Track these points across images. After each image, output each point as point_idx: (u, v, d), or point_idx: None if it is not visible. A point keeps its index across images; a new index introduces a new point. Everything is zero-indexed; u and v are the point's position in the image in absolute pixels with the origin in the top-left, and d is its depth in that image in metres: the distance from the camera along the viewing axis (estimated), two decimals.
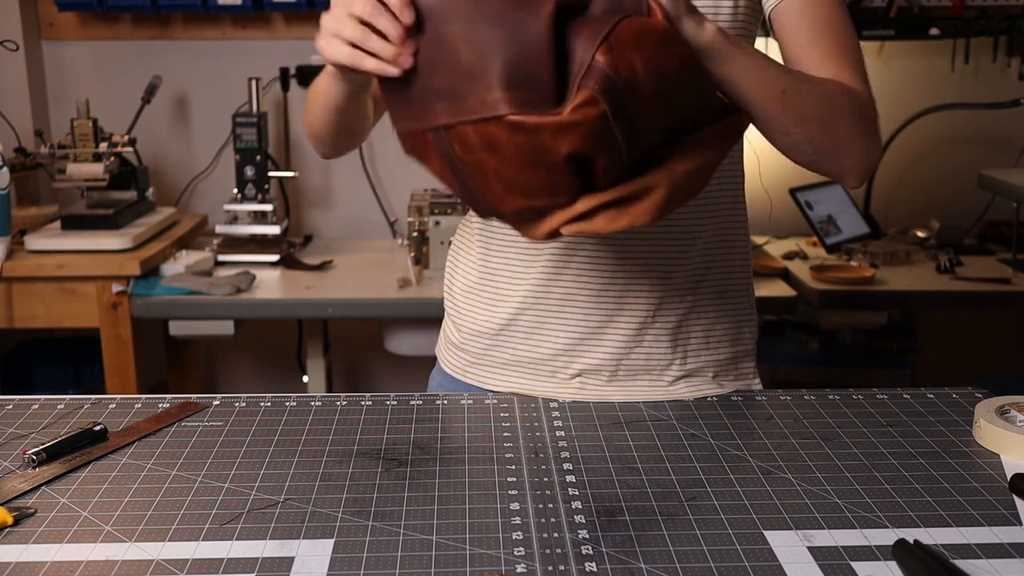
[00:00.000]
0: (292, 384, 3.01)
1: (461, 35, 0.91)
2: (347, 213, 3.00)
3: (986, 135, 2.97)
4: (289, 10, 2.81)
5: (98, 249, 2.39)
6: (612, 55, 0.88)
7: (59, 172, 2.53)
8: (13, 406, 1.19)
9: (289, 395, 1.22)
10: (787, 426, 1.14)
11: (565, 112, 0.88)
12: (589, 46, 0.89)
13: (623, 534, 0.90)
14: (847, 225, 2.75)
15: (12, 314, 2.38)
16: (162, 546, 0.88)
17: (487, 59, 0.90)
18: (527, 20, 0.90)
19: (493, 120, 0.90)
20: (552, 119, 0.89)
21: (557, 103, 0.89)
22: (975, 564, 0.85)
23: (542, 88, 0.89)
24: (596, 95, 0.88)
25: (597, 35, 0.89)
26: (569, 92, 0.89)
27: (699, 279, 1.24)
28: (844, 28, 1.18)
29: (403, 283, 2.43)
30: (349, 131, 1.25)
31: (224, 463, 1.04)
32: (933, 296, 2.49)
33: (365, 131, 1.28)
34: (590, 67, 0.88)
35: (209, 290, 2.35)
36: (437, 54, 0.93)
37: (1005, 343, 2.97)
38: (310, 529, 0.91)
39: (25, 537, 0.90)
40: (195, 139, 2.96)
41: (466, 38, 0.91)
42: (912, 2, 2.83)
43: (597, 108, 0.88)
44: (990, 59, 2.89)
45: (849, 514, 0.94)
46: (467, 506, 0.95)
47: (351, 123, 1.22)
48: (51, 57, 2.91)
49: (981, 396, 1.22)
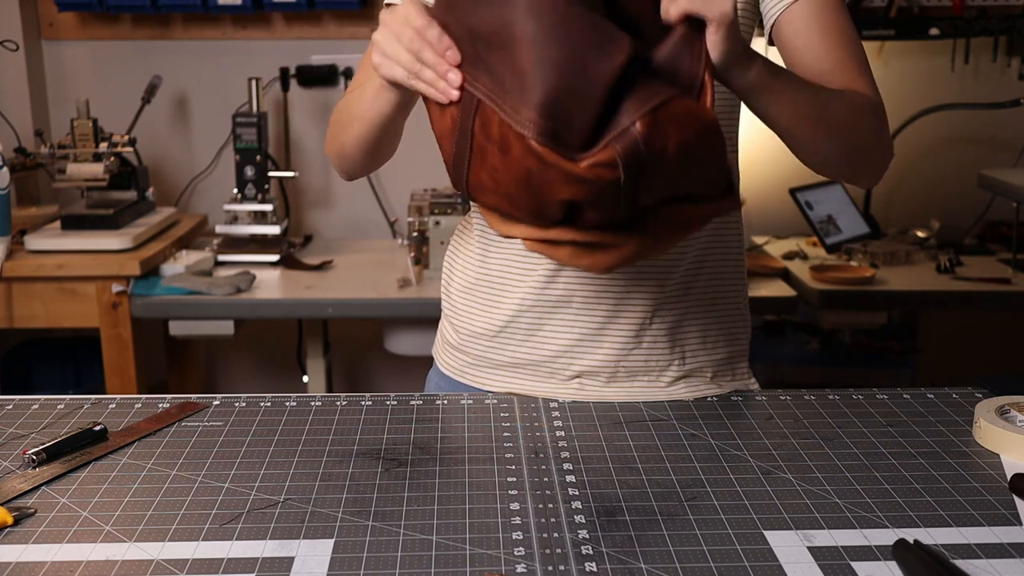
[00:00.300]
0: (292, 384, 3.01)
1: (531, 36, 0.90)
2: (347, 213, 3.01)
3: (986, 135, 2.97)
4: (289, 10, 2.81)
5: (98, 249, 2.39)
6: (651, 129, 0.88)
7: (59, 172, 2.54)
8: (13, 406, 1.19)
9: (289, 395, 1.22)
10: (787, 426, 1.14)
11: (582, 164, 0.88)
12: (634, 110, 0.89)
13: (623, 534, 0.90)
14: (847, 225, 2.75)
15: (12, 314, 2.38)
16: (162, 546, 0.88)
17: (540, 76, 0.89)
18: (595, 63, 0.89)
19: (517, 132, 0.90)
20: (567, 165, 0.88)
21: (582, 147, 0.89)
22: (975, 564, 0.85)
23: (575, 130, 0.89)
24: (617, 160, 0.88)
25: (646, 103, 0.89)
26: (598, 141, 0.89)
27: (693, 281, 1.25)
28: (852, 34, 1.19)
29: (403, 283, 2.43)
30: (380, 150, 1.24)
31: (224, 463, 1.04)
32: (933, 296, 2.49)
33: (391, 154, 1.28)
34: (626, 131, 0.88)
35: (209, 290, 2.35)
36: (504, 36, 0.91)
37: (1005, 343, 2.97)
38: (310, 529, 0.91)
39: (25, 537, 0.90)
40: (195, 139, 2.96)
41: (534, 42, 0.90)
42: (912, 2, 2.83)
43: (613, 172, 0.88)
44: (990, 59, 2.89)
45: (849, 514, 0.94)
46: (467, 506, 0.95)
47: (387, 140, 1.22)
48: (51, 57, 2.91)
49: (981, 396, 1.22)
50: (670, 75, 0.95)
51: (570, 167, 0.88)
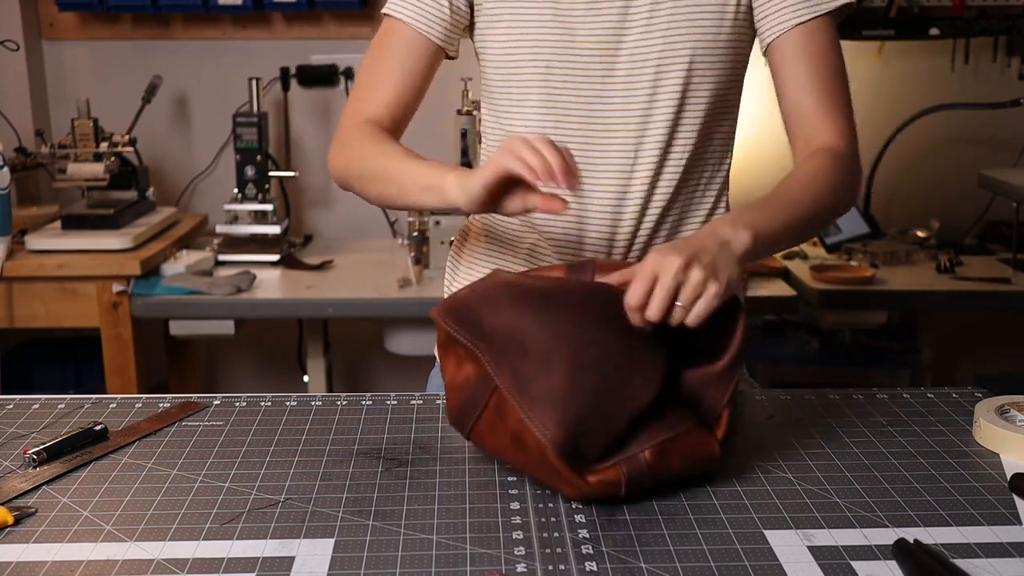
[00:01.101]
0: (292, 384, 3.01)
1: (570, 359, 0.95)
2: (347, 213, 3.00)
3: (986, 135, 2.97)
4: (289, 10, 2.81)
5: (98, 249, 2.39)
6: (658, 459, 0.95)
7: (59, 172, 2.54)
8: (14, 406, 1.19)
9: (289, 395, 1.22)
10: (787, 426, 1.14)
11: (589, 479, 0.94)
12: (648, 438, 0.96)
13: (623, 534, 0.90)
14: (847, 225, 2.75)
15: (12, 314, 2.38)
16: (162, 546, 0.88)
17: (573, 401, 0.94)
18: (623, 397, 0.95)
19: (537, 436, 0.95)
20: (574, 479, 0.94)
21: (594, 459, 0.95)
22: (975, 564, 0.85)
23: (591, 449, 0.94)
24: (622, 481, 0.94)
25: (661, 434, 0.96)
26: (608, 456, 0.95)
27: None
28: (837, 70, 1.24)
29: (403, 283, 2.43)
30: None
31: (224, 463, 1.04)
32: (933, 296, 2.49)
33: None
34: (634, 457, 0.95)
35: (209, 290, 2.35)
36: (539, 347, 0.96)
37: (1005, 343, 2.97)
38: (310, 529, 0.91)
39: (26, 536, 0.90)
40: (195, 139, 2.96)
41: (572, 365, 0.95)
42: (912, 2, 2.83)
43: (615, 489, 0.94)
44: (990, 59, 2.89)
45: (849, 514, 0.94)
46: (467, 506, 0.95)
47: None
48: (51, 57, 2.91)
49: (981, 396, 1.22)
50: (695, 397, 1.01)
51: (576, 481, 0.94)
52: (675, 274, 0.96)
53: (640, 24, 1.20)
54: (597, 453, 0.95)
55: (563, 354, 0.95)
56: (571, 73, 1.22)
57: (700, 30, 1.20)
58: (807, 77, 1.22)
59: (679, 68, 1.20)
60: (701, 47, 1.20)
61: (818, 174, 1.18)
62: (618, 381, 0.95)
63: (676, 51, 1.20)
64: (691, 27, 1.19)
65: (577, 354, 0.95)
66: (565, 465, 0.93)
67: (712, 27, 1.20)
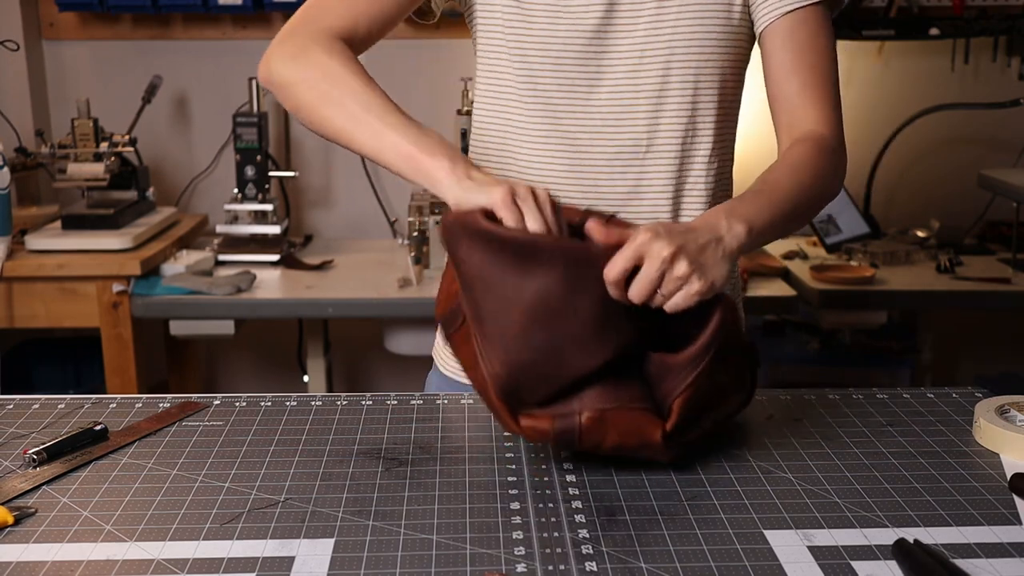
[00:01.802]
0: (292, 384, 3.01)
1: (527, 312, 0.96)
2: (347, 213, 3.00)
3: (986, 135, 2.97)
4: (289, 10, 2.80)
5: (98, 249, 2.39)
6: (594, 425, 0.96)
7: (60, 172, 2.54)
8: (14, 406, 1.19)
9: (289, 395, 1.22)
10: (787, 426, 1.14)
11: (521, 421, 0.98)
12: (591, 402, 0.97)
13: (623, 534, 0.90)
14: (847, 225, 2.75)
15: (12, 314, 2.38)
16: (162, 546, 0.88)
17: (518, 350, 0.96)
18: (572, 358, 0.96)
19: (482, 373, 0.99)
20: (508, 422, 0.98)
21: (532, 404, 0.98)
22: (975, 564, 0.85)
23: (532, 397, 0.98)
24: (551, 434, 0.97)
25: (604, 401, 0.97)
26: (549, 407, 0.97)
27: None
28: (827, 58, 1.23)
29: (403, 283, 2.43)
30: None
31: (224, 463, 1.04)
32: (933, 296, 2.49)
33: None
34: (570, 415, 0.96)
35: (209, 290, 2.35)
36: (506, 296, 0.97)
37: (1005, 343, 2.97)
38: (310, 529, 0.91)
39: (26, 537, 0.90)
40: (195, 139, 2.96)
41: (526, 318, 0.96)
42: (912, 2, 2.83)
43: (542, 437, 0.97)
44: (990, 59, 2.89)
45: (849, 514, 0.94)
46: (467, 506, 0.95)
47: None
48: (51, 57, 2.90)
49: (981, 396, 1.22)
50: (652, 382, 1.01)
51: (510, 424, 0.98)
52: (660, 264, 0.96)
53: (648, 18, 1.20)
54: (536, 401, 0.97)
55: (521, 306, 0.96)
56: (572, 70, 1.22)
57: (705, 27, 1.20)
58: (792, 64, 1.21)
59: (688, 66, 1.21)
60: (707, 42, 1.20)
61: (804, 163, 1.17)
62: (571, 341, 0.96)
63: (682, 46, 1.20)
64: (696, 23, 1.20)
65: (536, 309, 0.95)
66: (503, 404, 0.97)
67: (718, 23, 1.21)
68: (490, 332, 0.98)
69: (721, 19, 1.21)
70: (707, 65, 1.22)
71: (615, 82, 1.22)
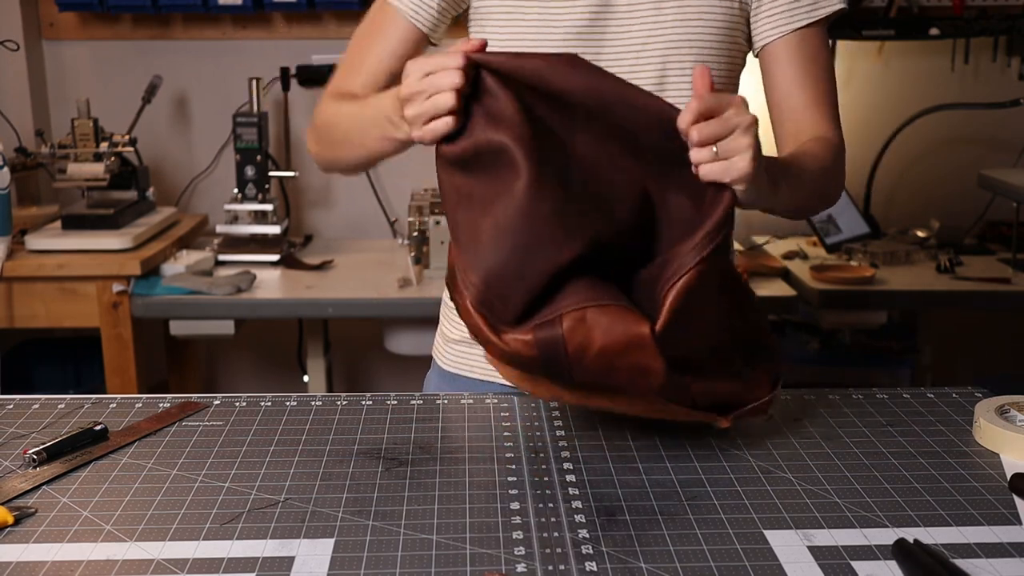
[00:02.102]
0: (292, 384, 3.01)
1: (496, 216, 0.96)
2: (347, 213, 3.00)
3: (986, 135, 2.97)
4: (289, 10, 2.81)
5: (98, 249, 2.39)
6: (576, 326, 0.93)
7: (60, 172, 2.53)
8: (14, 406, 1.19)
9: (289, 395, 1.22)
10: (787, 426, 1.14)
11: (505, 337, 0.95)
12: (573, 301, 0.94)
13: (623, 534, 0.90)
14: (847, 225, 2.75)
15: (12, 314, 2.38)
16: (162, 546, 0.88)
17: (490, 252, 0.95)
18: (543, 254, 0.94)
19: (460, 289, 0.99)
20: (491, 335, 0.96)
21: (516, 320, 0.95)
22: (975, 564, 0.85)
23: (510, 305, 0.95)
24: (534, 344, 0.94)
25: (583, 301, 0.94)
26: (531, 320, 0.95)
27: None
28: (828, 74, 1.26)
29: (403, 283, 2.43)
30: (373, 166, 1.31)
31: (224, 463, 1.04)
32: (933, 296, 2.49)
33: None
34: (551, 322, 0.94)
35: (209, 290, 2.35)
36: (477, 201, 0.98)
37: (1005, 343, 2.97)
38: (310, 529, 0.91)
39: (26, 537, 0.90)
40: (195, 139, 2.96)
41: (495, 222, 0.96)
42: (912, 2, 2.83)
43: (531, 353, 0.94)
44: (990, 59, 2.89)
45: (849, 514, 0.94)
46: (467, 506, 0.95)
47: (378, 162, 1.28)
48: (51, 57, 2.90)
49: (981, 396, 1.22)
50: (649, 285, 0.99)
51: (493, 338, 0.95)
52: (738, 120, 0.97)
53: (647, 17, 1.20)
54: (516, 315, 0.95)
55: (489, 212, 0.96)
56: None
57: (705, 29, 1.21)
58: (800, 78, 1.24)
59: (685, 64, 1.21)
60: (706, 45, 1.21)
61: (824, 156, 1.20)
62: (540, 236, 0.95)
63: (682, 47, 1.20)
64: (695, 24, 1.20)
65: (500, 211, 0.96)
66: (482, 318, 0.96)
67: (716, 26, 1.21)
68: (465, 242, 0.98)
69: (719, 25, 1.21)
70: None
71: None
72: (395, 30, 1.28)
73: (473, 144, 0.99)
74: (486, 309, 0.96)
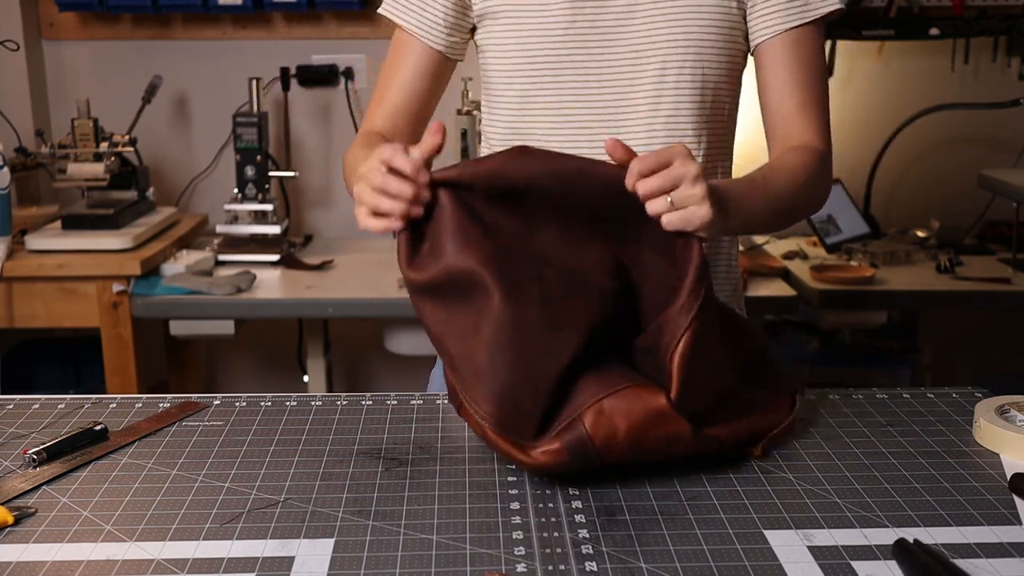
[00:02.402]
0: (292, 384, 3.01)
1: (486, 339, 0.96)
2: (347, 213, 2.99)
3: (986, 135, 2.97)
4: (289, 10, 2.81)
5: (98, 249, 2.39)
6: (598, 420, 0.94)
7: (60, 172, 2.53)
8: (14, 406, 1.19)
9: (289, 395, 1.22)
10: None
11: (533, 453, 0.95)
12: (588, 397, 0.95)
13: (623, 534, 0.90)
14: (847, 225, 2.75)
15: (12, 314, 2.38)
16: (162, 546, 0.88)
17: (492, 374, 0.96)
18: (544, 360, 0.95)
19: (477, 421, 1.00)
20: (518, 455, 0.97)
21: (538, 431, 0.96)
22: (975, 564, 0.85)
23: (528, 419, 0.95)
24: (563, 450, 0.94)
25: (602, 390, 0.95)
26: (552, 427, 0.96)
27: None
28: (819, 77, 1.26)
29: (403, 283, 2.43)
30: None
31: (224, 463, 1.04)
32: (933, 296, 2.49)
33: None
34: (572, 424, 0.95)
35: (209, 290, 2.35)
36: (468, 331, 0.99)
37: (1005, 343, 2.97)
38: (310, 529, 0.91)
39: (26, 536, 0.90)
40: (195, 139, 2.96)
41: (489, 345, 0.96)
42: (912, 2, 2.83)
43: (560, 459, 0.94)
44: (990, 59, 2.89)
45: (849, 514, 0.94)
46: (467, 506, 0.95)
47: None
48: (51, 57, 2.90)
49: (981, 396, 1.22)
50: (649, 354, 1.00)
51: (521, 457, 0.96)
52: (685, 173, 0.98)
53: (646, 17, 1.21)
54: (535, 426, 0.96)
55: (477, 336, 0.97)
56: (574, 70, 1.23)
57: (704, 28, 1.21)
58: (792, 81, 1.24)
59: (685, 65, 1.21)
60: (705, 45, 1.21)
61: (801, 167, 1.20)
62: (534, 349, 0.95)
63: (681, 47, 1.21)
64: (694, 24, 1.21)
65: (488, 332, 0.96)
66: (506, 440, 0.97)
67: (714, 25, 1.21)
68: (464, 373, 0.99)
69: (718, 23, 1.22)
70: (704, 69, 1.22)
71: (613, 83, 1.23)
72: (412, 54, 1.31)
73: (443, 271, 1.00)
74: (506, 430, 0.97)
